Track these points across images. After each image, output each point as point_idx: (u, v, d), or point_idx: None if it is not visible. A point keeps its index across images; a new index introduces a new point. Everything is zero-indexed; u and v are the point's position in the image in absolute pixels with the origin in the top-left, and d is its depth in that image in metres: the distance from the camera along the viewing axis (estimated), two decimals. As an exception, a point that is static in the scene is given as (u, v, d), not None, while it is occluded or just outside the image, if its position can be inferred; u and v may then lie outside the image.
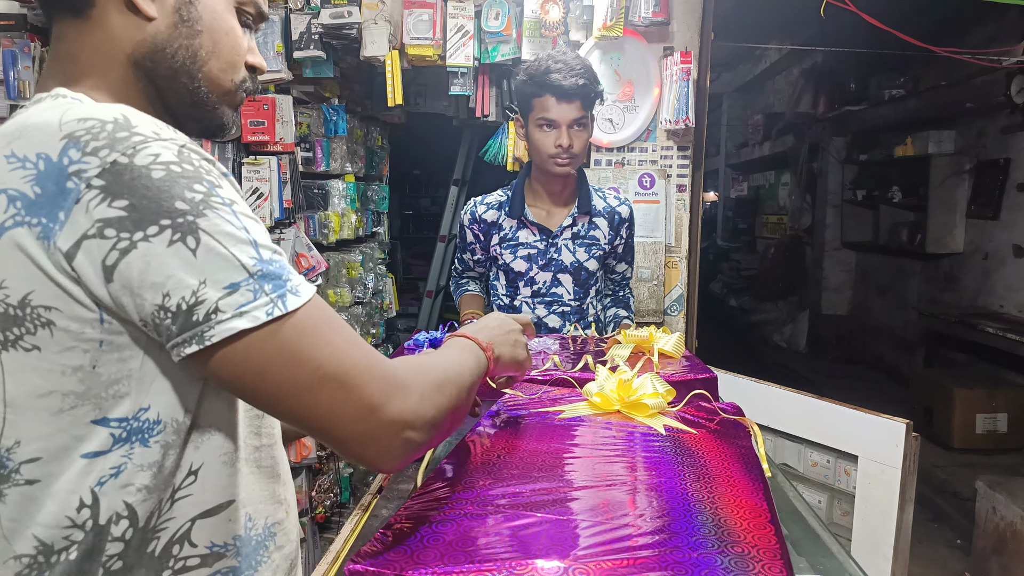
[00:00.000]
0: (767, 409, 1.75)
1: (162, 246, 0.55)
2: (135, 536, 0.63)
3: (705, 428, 1.01)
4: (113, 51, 0.67)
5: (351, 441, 0.61)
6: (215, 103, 0.73)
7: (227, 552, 0.69)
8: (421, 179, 6.79)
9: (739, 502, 0.75)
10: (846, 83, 6.05)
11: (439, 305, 5.11)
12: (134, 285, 0.56)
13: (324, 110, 2.64)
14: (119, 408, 0.61)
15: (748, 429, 1.03)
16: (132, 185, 0.55)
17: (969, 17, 4.58)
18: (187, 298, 0.56)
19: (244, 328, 0.57)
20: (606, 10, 2.20)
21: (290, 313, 0.59)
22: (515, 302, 1.92)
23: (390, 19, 2.29)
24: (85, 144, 0.56)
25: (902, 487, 1.44)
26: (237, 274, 0.57)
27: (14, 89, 2.27)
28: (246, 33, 0.76)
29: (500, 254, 1.90)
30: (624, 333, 1.51)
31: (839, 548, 1.04)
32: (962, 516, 3.36)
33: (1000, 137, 4.59)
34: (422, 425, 0.64)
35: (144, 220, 0.55)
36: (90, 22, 0.67)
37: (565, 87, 1.68)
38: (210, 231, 0.57)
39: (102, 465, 0.61)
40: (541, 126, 1.75)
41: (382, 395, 0.61)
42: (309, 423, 0.61)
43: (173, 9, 0.68)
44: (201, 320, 0.56)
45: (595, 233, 1.89)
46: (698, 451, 0.92)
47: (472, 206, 1.94)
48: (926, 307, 5.27)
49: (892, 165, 5.73)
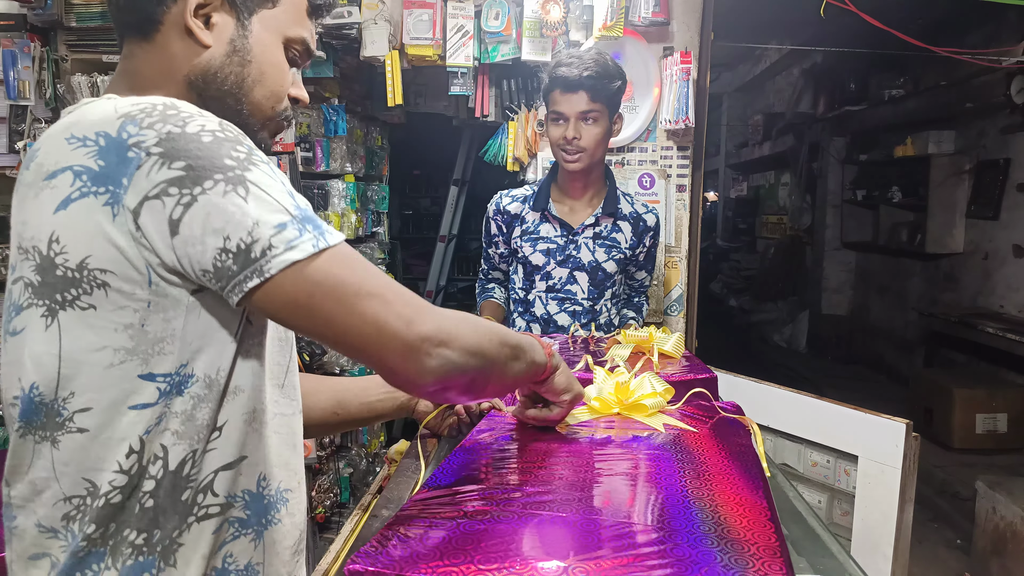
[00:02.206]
0: (767, 409, 1.75)
1: (218, 196, 0.63)
2: (166, 478, 0.70)
3: (704, 426, 1.01)
4: (172, 70, 0.77)
5: (391, 353, 0.67)
6: (256, 126, 0.81)
7: (235, 503, 0.75)
8: (421, 179, 6.79)
9: (739, 499, 0.75)
10: (846, 83, 6.05)
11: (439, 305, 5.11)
12: (197, 234, 0.63)
13: (324, 110, 2.64)
14: (163, 364, 0.68)
15: (748, 428, 1.03)
16: (187, 149, 0.63)
17: (969, 17, 4.57)
18: (244, 238, 0.63)
19: (296, 259, 0.64)
20: (606, 10, 2.20)
21: (331, 247, 0.66)
22: (529, 296, 1.92)
23: (390, 19, 2.29)
24: (141, 120, 0.64)
25: (902, 487, 1.44)
26: (283, 216, 0.65)
27: (14, 89, 2.27)
28: (292, 69, 0.84)
29: (520, 246, 1.91)
30: (624, 333, 1.51)
31: (839, 548, 1.04)
32: (962, 516, 3.36)
33: (1000, 137, 4.58)
34: (459, 347, 0.69)
35: (201, 176, 0.63)
36: (155, 44, 0.77)
37: (570, 78, 1.70)
38: (256, 182, 0.65)
39: (148, 416, 0.68)
40: (553, 119, 1.78)
41: (416, 313, 0.68)
42: (353, 340, 0.67)
43: (228, 40, 0.77)
44: (259, 256, 0.63)
45: (617, 236, 1.89)
46: (697, 449, 0.92)
47: (498, 198, 1.96)
48: (926, 307, 5.27)
49: (892, 165, 5.73)
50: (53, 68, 2.31)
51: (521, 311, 1.95)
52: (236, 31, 0.78)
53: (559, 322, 1.89)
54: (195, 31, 0.76)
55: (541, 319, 1.91)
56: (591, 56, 1.73)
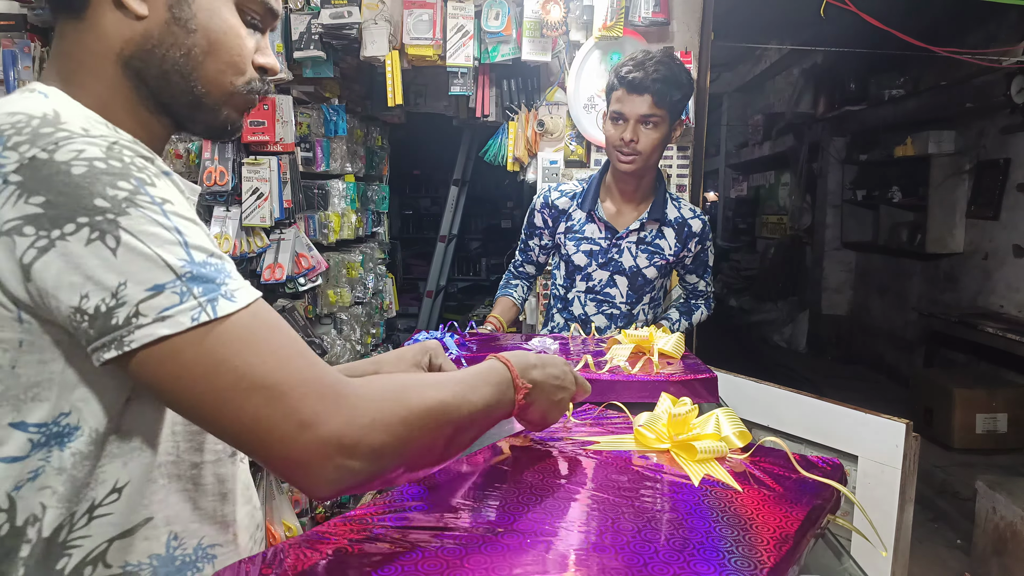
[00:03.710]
0: (767, 409, 1.75)
1: (79, 245, 0.53)
2: (39, 544, 0.60)
3: (762, 487, 0.79)
4: (104, 50, 0.66)
5: (278, 460, 0.56)
6: (215, 104, 0.71)
7: (141, 571, 0.65)
8: (421, 179, 6.80)
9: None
10: (846, 83, 6.05)
11: (439, 305, 5.11)
12: (50, 286, 0.54)
13: (324, 110, 2.64)
14: (37, 412, 0.59)
15: (832, 498, 0.80)
16: (49, 181, 0.53)
17: (969, 17, 4.57)
18: (106, 300, 0.53)
19: (165, 335, 0.53)
20: (606, 10, 2.20)
21: (220, 319, 0.55)
22: (569, 295, 1.91)
23: (390, 19, 2.29)
24: (7, 139, 0.55)
25: (902, 487, 1.44)
26: (163, 275, 0.54)
27: (14, 89, 2.27)
28: (254, 33, 0.74)
29: (564, 243, 1.90)
30: (624, 333, 1.51)
31: (839, 548, 1.04)
32: (962, 516, 3.36)
33: (1000, 137, 4.58)
34: (365, 453, 0.57)
35: (61, 218, 0.53)
36: (86, 22, 0.66)
37: (634, 79, 1.67)
38: (132, 230, 0.54)
39: (19, 470, 0.59)
40: (613, 119, 1.75)
41: (318, 412, 0.56)
42: (235, 437, 0.57)
43: (165, 7, 0.66)
44: (121, 324, 0.53)
45: (660, 242, 1.86)
46: (734, 517, 0.70)
47: (547, 191, 1.93)
48: (926, 307, 5.27)
49: (892, 165, 5.73)
50: (53, 68, 2.31)
51: (560, 308, 1.94)
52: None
53: (596, 324, 1.88)
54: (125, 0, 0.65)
55: (579, 319, 1.90)
56: (662, 62, 1.68)
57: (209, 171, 2.21)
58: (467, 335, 1.66)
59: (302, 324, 2.54)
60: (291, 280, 2.43)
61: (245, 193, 2.25)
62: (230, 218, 2.24)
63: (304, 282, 2.47)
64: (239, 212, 2.25)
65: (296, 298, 2.57)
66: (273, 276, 2.36)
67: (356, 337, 2.99)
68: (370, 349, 3.29)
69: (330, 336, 2.76)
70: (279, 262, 2.37)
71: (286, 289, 2.47)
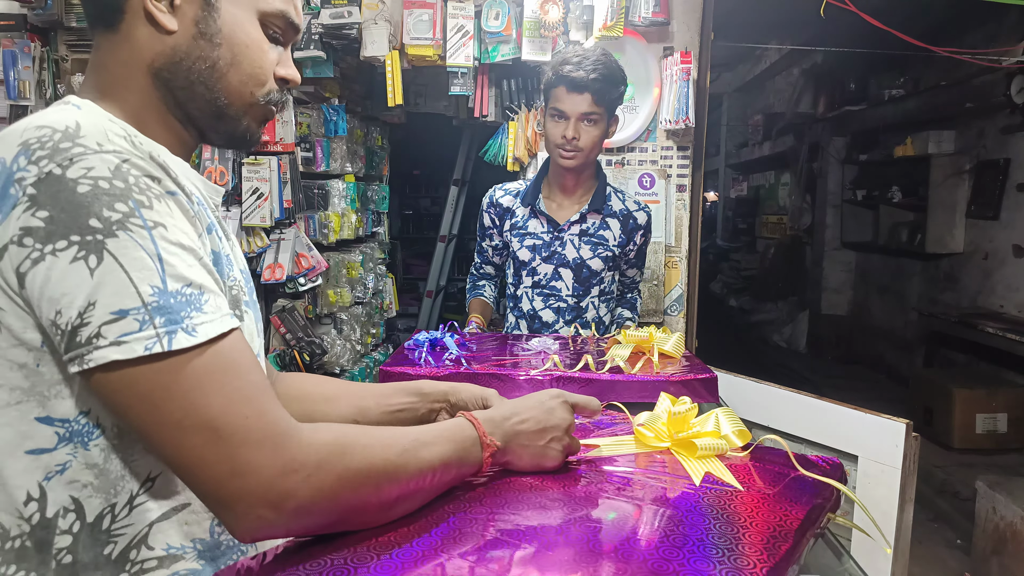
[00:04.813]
0: (767, 409, 1.75)
1: (65, 262, 0.56)
2: (83, 532, 0.64)
3: (762, 485, 0.78)
4: (136, 62, 0.70)
5: (207, 498, 0.59)
6: (237, 114, 0.75)
7: (185, 555, 0.68)
8: (421, 179, 6.79)
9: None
10: (846, 83, 6.05)
11: (439, 305, 5.11)
12: (35, 296, 0.57)
13: (324, 110, 2.64)
14: (61, 408, 0.62)
15: (831, 497, 0.79)
16: (56, 197, 0.56)
17: (969, 17, 4.57)
18: (74, 318, 0.56)
19: (116, 359, 0.56)
20: (606, 10, 2.20)
21: (174, 352, 0.57)
22: (518, 292, 1.93)
23: (390, 19, 2.29)
24: (32, 152, 0.58)
25: (902, 487, 1.44)
26: (130, 301, 0.56)
27: (14, 89, 2.28)
28: (276, 46, 0.77)
29: (510, 241, 1.92)
30: (624, 333, 1.51)
31: (839, 548, 1.04)
32: (962, 516, 3.35)
33: (1000, 137, 4.58)
34: (291, 509, 0.59)
35: (56, 233, 0.56)
36: (120, 35, 0.70)
37: (576, 78, 1.69)
38: (116, 252, 0.56)
39: (47, 462, 0.62)
40: (553, 116, 1.77)
41: (251, 461, 0.57)
42: (174, 469, 0.60)
43: (192, 22, 0.70)
44: (83, 342, 0.56)
45: (605, 233, 1.88)
46: (713, 514, 0.70)
47: (492, 191, 1.97)
48: (926, 307, 5.27)
49: (892, 165, 5.73)
50: (53, 68, 2.31)
51: (511, 306, 1.97)
52: (201, 11, 0.70)
53: (544, 318, 1.89)
54: (156, 15, 0.69)
55: (528, 315, 1.92)
56: (599, 58, 1.71)
57: (209, 171, 2.21)
58: (467, 335, 1.67)
59: (302, 324, 2.55)
60: (291, 280, 2.43)
61: (245, 193, 2.25)
62: (230, 218, 2.24)
63: (304, 282, 2.48)
64: (239, 212, 2.26)
65: (296, 298, 2.57)
66: (273, 276, 2.36)
67: (356, 337, 2.99)
68: (370, 349, 3.29)
69: (330, 336, 2.76)
70: (279, 262, 2.38)
71: (286, 289, 2.47)
